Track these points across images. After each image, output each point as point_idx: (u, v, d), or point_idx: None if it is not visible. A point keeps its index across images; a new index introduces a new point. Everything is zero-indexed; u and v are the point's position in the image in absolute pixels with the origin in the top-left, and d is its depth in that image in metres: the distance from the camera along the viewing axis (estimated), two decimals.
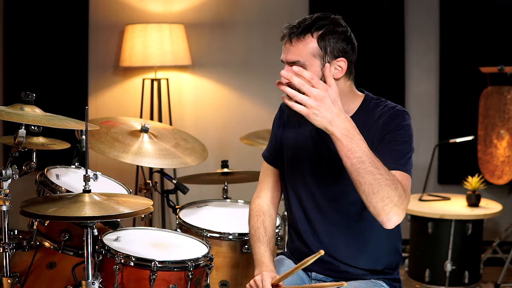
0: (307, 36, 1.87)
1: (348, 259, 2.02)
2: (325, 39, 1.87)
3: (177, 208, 2.71)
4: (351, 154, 1.70)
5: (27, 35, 4.56)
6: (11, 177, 2.13)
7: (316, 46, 1.87)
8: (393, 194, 1.71)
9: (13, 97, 2.51)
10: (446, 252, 3.63)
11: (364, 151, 1.71)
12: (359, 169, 1.70)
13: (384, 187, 1.70)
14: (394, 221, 1.74)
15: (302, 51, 1.87)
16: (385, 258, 2.05)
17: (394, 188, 1.71)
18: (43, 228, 2.33)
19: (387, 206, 1.71)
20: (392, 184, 1.71)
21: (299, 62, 1.87)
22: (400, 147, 1.88)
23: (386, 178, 1.70)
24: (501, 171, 3.90)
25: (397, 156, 1.86)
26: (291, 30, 1.89)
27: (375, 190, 1.70)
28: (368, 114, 1.97)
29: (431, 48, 4.44)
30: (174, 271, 2.11)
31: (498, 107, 3.90)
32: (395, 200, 1.71)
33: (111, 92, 4.63)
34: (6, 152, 4.59)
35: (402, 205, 1.73)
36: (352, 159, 1.70)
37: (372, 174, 1.69)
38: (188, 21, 4.48)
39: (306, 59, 1.87)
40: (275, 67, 4.40)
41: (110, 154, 2.61)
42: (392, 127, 1.90)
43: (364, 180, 1.70)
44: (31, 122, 2.05)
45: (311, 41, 1.87)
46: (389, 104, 1.98)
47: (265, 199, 2.18)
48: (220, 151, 4.53)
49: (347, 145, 1.70)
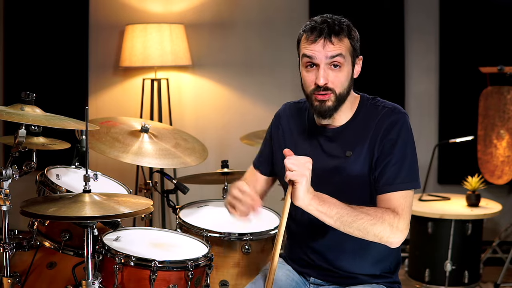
0: (342, 35, 1.89)
1: (346, 264, 2.01)
2: (352, 38, 1.92)
3: (177, 208, 2.71)
4: (329, 214, 1.80)
5: (27, 35, 4.56)
6: (11, 177, 2.13)
7: (350, 46, 1.91)
8: (382, 228, 1.81)
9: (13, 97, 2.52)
10: (446, 252, 3.63)
11: (338, 209, 1.80)
12: (342, 224, 1.81)
13: (370, 228, 1.81)
14: (396, 243, 1.86)
15: (342, 46, 1.89)
16: (384, 262, 2.04)
17: (380, 223, 1.81)
18: (43, 228, 2.33)
19: (382, 238, 1.83)
20: (377, 222, 1.81)
21: (340, 55, 1.88)
22: (400, 162, 1.88)
23: (369, 220, 1.81)
24: (501, 171, 3.90)
25: (393, 175, 1.88)
26: (328, 28, 1.87)
27: (365, 234, 1.82)
28: (367, 116, 1.96)
29: (431, 48, 4.44)
30: (174, 271, 2.12)
31: (498, 107, 3.90)
32: (387, 231, 1.82)
33: (111, 92, 4.63)
34: (6, 152, 4.60)
35: (398, 230, 1.83)
36: (332, 217, 1.81)
37: (354, 223, 1.80)
38: (188, 21, 4.48)
39: (345, 53, 1.90)
40: (275, 67, 4.45)
41: (110, 154, 2.61)
42: (390, 139, 1.89)
43: (351, 230, 1.82)
44: (31, 122, 2.05)
45: (347, 40, 1.90)
46: (386, 105, 1.97)
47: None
48: (220, 151, 4.54)
49: (322, 210, 1.80)
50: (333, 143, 1.98)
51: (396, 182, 1.87)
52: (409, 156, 1.90)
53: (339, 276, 2.03)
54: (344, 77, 1.90)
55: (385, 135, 1.90)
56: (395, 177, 1.87)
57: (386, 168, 1.88)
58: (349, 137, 1.96)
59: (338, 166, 1.94)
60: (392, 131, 1.90)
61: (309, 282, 2.09)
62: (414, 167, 1.92)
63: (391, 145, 1.89)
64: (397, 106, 1.97)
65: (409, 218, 1.87)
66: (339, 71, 1.89)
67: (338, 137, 1.98)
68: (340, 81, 1.89)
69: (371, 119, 1.94)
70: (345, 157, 1.94)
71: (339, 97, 1.90)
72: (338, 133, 1.98)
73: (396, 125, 1.90)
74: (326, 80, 1.87)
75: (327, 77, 1.88)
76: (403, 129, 1.91)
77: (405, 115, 1.94)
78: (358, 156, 1.93)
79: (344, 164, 1.94)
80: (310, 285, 2.08)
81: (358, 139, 1.94)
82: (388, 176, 1.88)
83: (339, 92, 1.90)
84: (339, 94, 1.90)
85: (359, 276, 2.02)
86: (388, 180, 1.88)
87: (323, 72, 1.87)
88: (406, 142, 1.91)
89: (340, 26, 1.89)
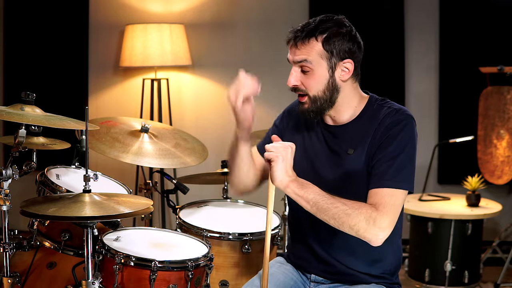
0: (312, 39, 1.91)
1: (347, 262, 2.02)
2: (330, 42, 1.90)
3: (177, 208, 2.71)
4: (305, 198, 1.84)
5: (27, 35, 4.56)
6: (11, 177, 2.13)
7: (321, 49, 1.91)
8: (357, 220, 1.80)
9: (13, 97, 2.51)
10: (446, 252, 3.63)
11: (315, 195, 1.83)
12: (317, 211, 1.83)
13: (345, 218, 1.80)
14: (374, 240, 1.82)
15: (309, 52, 1.91)
16: (384, 262, 2.04)
17: (355, 214, 1.80)
18: (43, 228, 2.33)
19: (358, 232, 1.81)
20: (351, 213, 1.80)
21: (306, 61, 1.91)
22: (393, 161, 1.87)
23: (345, 209, 1.80)
24: (501, 171, 3.90)
25: (383, 171, 1.87)
26: (296, 34, 1.93)
27: (340, 223, 1.81)
28: (372, 116, 1.97)
29: (431, 48, 4.44)
30: (174, 271, 2.12)
31: (498, 107, 3.90)
32: (363, 225, 1.80)
33: (111, 92, 4.63)
34: (6, 152, 4.60)
35: (375, 225, 1.80)
36: (308, 202, 1.84)
37: (329, 211, 1.81)
38: (188, 21, 4.48)
39: (313, 58, 1.91)
40: (275, 67, 4.45)
41: (110, 154, 2.61)
42: (389, 135, 1.90)
43: (327, 218, 1.83)
44: (31, 122, 2.05)
45: (316, 44, 1.91)
46: (393, 106, 1.97)
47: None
48: (220, 151, 4.53)
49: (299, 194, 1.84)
50: (337, 139, 2.00)
51: (385, 178, 1.86)
52: (404, 157, 1.88)
53: (339, 273, 2.03)
54: (316, 81, 1.92)
55: (385, 132, 1.90)
56: (384, 174, 1.86)
57: (378, 164, 1.88)
58: (353, 135, 1.97)
59: (339, 163, 1.96)
60: (393, 128, 1.90)
61: (309, 280, 2.09)
62: (408, 169, 1.88)
63: (389, 142, 1.89)
64: (403, 108, 1.97)
65: (393, 218, 1.82)
66: (308, 75, 1.93)
67: (342, 134, 2.00)
68: (310, 84, 1.93)
69: (375, 118, 1.95)
70: (347, 154, 1.96)
71: (314, 100, 1.94)
72: (342, 130, 2.00)
73: (398, 125, 1.90)
74: (295, 82, 1.95)
75: (297, 79, 1.94)
76: (405, 130, 1.90)
77: (411, 118, 1.93)
78: (360, 154, 1.94)
79: (345, 161, 1.95)
80: (311, 283, 2.09)
81: (361, 138, 1.95)
82: (379, 172, 1.87)
83: (313, 95, 1.94)
84: (314, 96, 1.94)
85: (359, 274, 2.02)
86: (378, 175, 1.87)
87: (293, 74, 1.95)
88: (405, 142, 1.89)
89: (312, 31, 1.90)
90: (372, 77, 4.27)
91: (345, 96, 1.97)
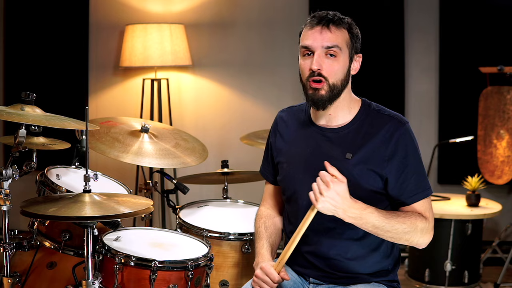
0: (341, 27, 1.94)
1: (345, 265, 2.01)
2: (352, 33, 1.96)
3: (177, 208, 2.72)
4: (365, 226, 1.87)
5: (27, 35, 4.56)
6: (11, 177, 2.13)
7: (348, 38, 1.95)
8: (414, 235, 1.92)
9: (13, 97, 2.52)
10: (446, 252, 3.63)
11: (374, 222, 1.86)
12: (377, 233, 1.89)
13: (403, 236, 1.91)
14: (425, 244, 1.97)
15: (340, 37, 1.93)
16: (384, 261, 2.04)
17: (413, 230, 1.91)
18: (43, 228, 2.33)
19: (412, 242, 1.93)
20: (410, 230, 1.90)
21: (337, 46, 1.92)
22: (416, 172, 1.95)
23: (403, 229, 1.89)
24: (501, 171, 3.90)
25: (415, 185, 1.95)
26: (328, 17, 1.94)
27: (398, 239, 1.91)
28: (369, 122, 1.97)
29: (431, 48, 4.44)
30: (174, 271, 2.12)
31: (497, 107, 3.90)
32: (418, 236, 1.92)
33: (111, 92, 4.63)
34: (6, 152, 4.60)
35: (427, 232, 1.94)
36: (368, 228, 1.88)
37: (389, 232, 1.89)
38: (188, 21, 4.49)
39: (342, 45, 1.93)
40: (275, 67, 4.45)
41: (110, 154, 2.61)
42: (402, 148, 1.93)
43: (386, 236, 1.90)
44: (31, 122, 2.05)
45: (345, 32, 1.95)
46: (391, 113, 1.99)
47: (267, 206, 2.26)
48: (220, 151, 4.54)
49: (357, 223, 1.87)
50: (332, 144, 1.99)
51: (419, 191, 1.95)
52: (420, 164, 1.97)
53: (339, 277, 2.04)
54: (339, 68, 1.93)
55: (397, 151, 1.93)
56: (417, 187, 1.95)
57: (406, 181, 1.94)
58: (350, 140, 1.97)
59: (337, 167, 1.94)
60: (403, 145, 1.94)
61: (308, 282, 2.09)
62: (425, 172, 2.00)
63: (406, 158, 1.93)
64: (399, 115, 2.00)
65: (433, 218, 1.98)
66: (334, 60, 1.93)
67: (338, 138, 1.99)
68: (334, 71, 1.93)
69: (376, 127, 1.96)
70: (345, 159, 1.95)
71: (332, 87, 1.93)
72: (337, 135, 1.99)
73: (406, 138, 1.94)
74: (319, 66, 1.91)
75: (322, 64, 1.92)
76: (412, 140, 1.96)
77: (409, 124, 1.98)
78: (358, 159, 1.94)
79: (344, 166, 1.93)
80: (310, 284, 2.08)
81: (360, 143, 1.95)
82: (411, 189, 1.94)
83: (333, 82, 1.93)
84: (332, 84, 1.93)
85: (359, 276, 2.03)
86: (412, 191, 1.94)
87: (318, 57, 1.92)
88: (417, 151, 1.96)
89: (340, 19, 1.95)
90: (372, 78, 4.28)
91: (346, 94, 1.98)
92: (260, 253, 2.07)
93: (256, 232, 2.17)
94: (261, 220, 2.19)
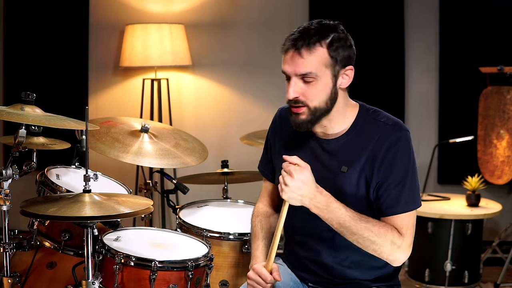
0: (317, 46, 1.80)
1: (344, 271, 1.99)
2: (333, 47, 1.81)
3: (177, 208, 2.71)
4: (330, 221, 1.82)
5: (27, 35, 4.56)
6: (11, 177, 2.13)
7: (327, 56, 1.81)
8: (383, 245, 1.82)
9: (13, 97, 2.51)
10: (446, 252, 3.63)
11: (339, 219, 1.81)
12: (343, 234, 1.83)
13: (369, 244, 1.83)
14: (397, 261, 1.87)
15: (314, 62, 1.80)
16: (384, 267, 2.00)
17: (381, 242, 1.82)
18: (43, 228, 2.33)
19: (381, 254, 1.84)
20: (377, 241, 1.82)
21: (311, 74, 1.81)
22: (401, 183, 1.85)
23: (369, 237, 1.81)
24: (501, 171, 3.90)
25: (396, 197, 1.85)
26: (298, 40, 1.80)
27: (364, 246, 1.83)
28: (366, 130, 1.90)
29: (431, 48, 4.44)
30: (174, 271, 2.12)
31: (497, 107, 3.90)
32: (387, 249, 1.83)
33: (111, 92, 4.63)
34: (6, 152, 4.60)
35: (399, 249, 1.84)
36: (333, 224, 1.83)
37: (355, 235, 1.82)
38: (188, 21, 4.49)
39: (318, 70, 1.81)
40: (275, 67, 4.43)
41: (110, 154, 2.61)
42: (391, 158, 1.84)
43: (351, 239, 1.83)
44: (31, 122, 2.05)
45: (322, 52, 1.80)
46: (388, 120, 1.90)
47: (264, 202, 2.22)
48: (220, 151, 4.54)
49: (324, 216, 1.82)
50: (329, 155, 1.93)
51: (400, 204, 1.85)
52: (410, 176, 1.86)
53: (337, 284, 2.02)
54: (318, 91, 1.82)
55: (386, 155, 1.84)
56: (398, 199, 1.85)
57: (388, 190, 1.85)
58: (346, 151, 1.91)
59: (333, 180, 1.90)
60: (393, 151, 1.84)
61: (307, 285, 2.08)
62: (416, 185, 1.89)
63: (392, 166, 1.84)
64: (398, 121, 1.90)
65: (412, 237, 1.88)
66: (311, 85, 1.82)
67: (335, 149, 1.93)
68: (312, 95, 1.82)
69: (370, 135, 1.88)
70: (340, 172, 1.90)
71: (313, 110, 1.84)
72: (334, 145, 1.93)
73: (397, 144, 1.84)
74: (295, 94, 1.83)
75: (298, 91, 1.82)
76: (405, 148, 1.85)
77: (407, 133, 1.88)
78: (353, 172, 1.88)
79: (339, 179, 1.90)
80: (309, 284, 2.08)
81: (355, 155, 1.89)
82: (391, 198, 1.85)
83: (314, 106, 1.83)
84: (314, 107, 1.83)
85: (358, 281, 2.01)
86: (391, 202, 1.85)
87: (293, 85, 1.83)
88: (407, 161, 1.86)
89: (316, 35, 1.79)
90: (372, 78, 4.28)
91: (339, 104, 1.89)
92: (255, 255, 2.05)
93: (252, 231, 2.14)
94: (257, 219, 2.15)
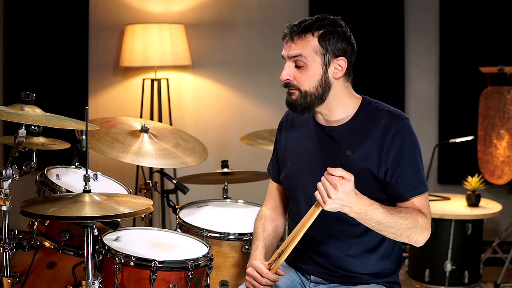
0: (308, 34, 1.93)
1: (346, 263, 2.02)
2: (325, 39, 1.93)
3: (177, 208, 2.71)
4: (368, 222, 1.86)
5: (27, 35, 4.56)
6: (11, 177, 2.13)
7: (317, 45, 1.93)
8: (415, 231, 1.90)
9: (13, 97, 2.52)
10: (446, 252, 3.63)
11: (378, 218, 1.84)
12: (379, 230, 1.88)
13: (405, 232, 1.89)
14: (421, 242, 1.94)
15: (304, 47, 1.93)
16: (385, 262, 2.04)
17: (414, 226, 1.89)
18: (43, 228, 2.33)
19: (412, 239, 1.92)
20: (412, 226, 1.89)
21: (301, 56, 1.93)
22: (413, 168, 1.94)
23: (406, 225, 1.88)
24: (501, 171, 3.90)
25: (410, 181, 1.94)
26: (292, 29, 1.96)
27: (399, 236, 1.90)
28: (368, 119, 1.98)
29: (431, 48, 4.44)
30: (174, 271, 2.12)
31: (498, 107, 3.90)
32: (418, 233, 1.91)
33: (111, 92, 4.63)
34: (6, 152, 4.60)
35: (426, 229, 1.92)
36: (371, 225, 1.87)
37: (392, 228, 1.87)
38: (188, 21, 4.48)
39: (308, 53, 1.93)
40: (275, 67, 4.43)
41: (110, 154, 2.61)
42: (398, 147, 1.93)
43: (387, 233, 1.89)
44: (31, 122, 2.05)
45: (312, 40, 1.93)
46: (390, 109, 1.99)
47: (269, 207, 2.25)
48: (220, 151, 4.54)
49: (361, 218, 1.85)
50: (333, 141, 2.00)
51: (414, 186, 1.94)
52: (417, 160, 1.96)
53: (340, 276, 2.04)
54: (308, 76, 1.94)
55: (393, 143, 1.92)
56: (413, 183, 1.94)
57: (402, 175, 1.93)
58: (349, 137, 1.98)
59: (337, 165, 1.94)
60: (399, 138, 1.93)
61: (309, 281, 2.09)
62: (423, 168, 1.99)
63: (402, 152, 1.93)
64: (399, 111, 1.99)
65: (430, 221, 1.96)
66: (302, 70, 1.94)
67: (338, 135, 2.00)
68: (302, 80, 1.94)
69: (372, 122, 1.96)
70: (345, 156, 1.96)
71: (304, 94, 1.95)
72: (337, 132, 2.00)
73: (402, 132, 1.93)
74: (288, 76, 1.96)
75: (290, 74, 1.96)
76: (410, 134, 1.95)
77: (408, 120, 1.97)
78: (359, 155, 1.95)
79: (345, 163, 1.93)
80: (311, 283, 2.09)
81: (358, 140, 1.96)
82: (407, 183, 1.93)
83: (305, 90, 1.95)
84: (305, 91, 1.95)
85: (361, 276, 2.03)
86: (407, 186, 1.93)
87: (287, 68, 1.96)
88: (415, 146, 1.96)
89: (309, 26, 1.93)
90: (372, 77, 4.28)
91: (336, 94, 1.98)
92: (253, 255, 2.09)
93: (254, 232, 2.18)
94: (260, 221, 2.19)
